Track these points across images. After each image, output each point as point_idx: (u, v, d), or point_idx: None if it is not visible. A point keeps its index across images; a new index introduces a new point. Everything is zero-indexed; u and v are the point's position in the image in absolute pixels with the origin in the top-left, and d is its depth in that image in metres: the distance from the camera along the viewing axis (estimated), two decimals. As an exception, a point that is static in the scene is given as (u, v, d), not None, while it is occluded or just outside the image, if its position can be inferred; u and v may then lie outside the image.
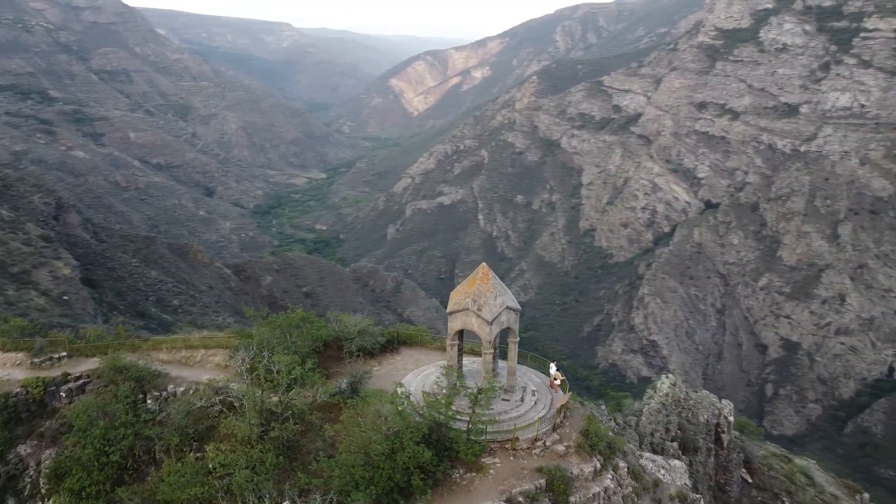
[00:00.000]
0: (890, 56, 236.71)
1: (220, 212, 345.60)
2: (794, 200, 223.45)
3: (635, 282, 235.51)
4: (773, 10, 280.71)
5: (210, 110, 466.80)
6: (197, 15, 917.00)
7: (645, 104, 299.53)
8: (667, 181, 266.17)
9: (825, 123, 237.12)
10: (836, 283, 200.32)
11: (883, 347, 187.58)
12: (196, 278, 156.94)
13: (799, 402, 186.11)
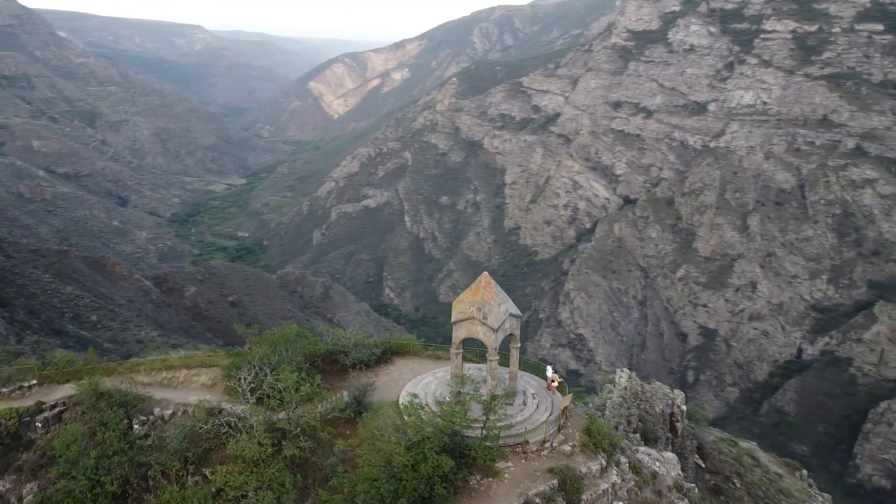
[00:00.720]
0: (788, 56, 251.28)
1: (136, 221, 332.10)
2: (707, 194, 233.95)
3: (560, 278, 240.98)
4: (680, 12, 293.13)
5: (120, 116, 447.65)
6: (102, 17, 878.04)
7: (563, 104, 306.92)
8: (587, 179, 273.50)
9: (732, 120, 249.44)
10: (748, 272, 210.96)
11: (792, 331, 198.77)
12: (114, 292, 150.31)
13: (718, 387, 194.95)
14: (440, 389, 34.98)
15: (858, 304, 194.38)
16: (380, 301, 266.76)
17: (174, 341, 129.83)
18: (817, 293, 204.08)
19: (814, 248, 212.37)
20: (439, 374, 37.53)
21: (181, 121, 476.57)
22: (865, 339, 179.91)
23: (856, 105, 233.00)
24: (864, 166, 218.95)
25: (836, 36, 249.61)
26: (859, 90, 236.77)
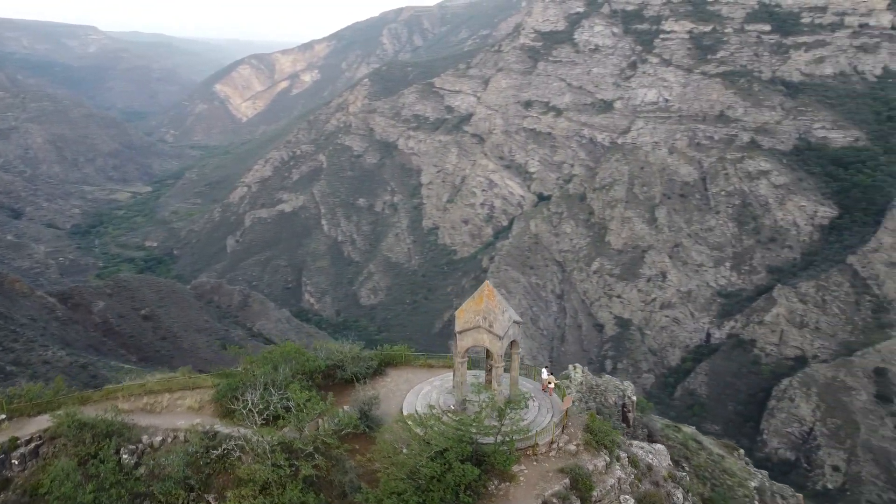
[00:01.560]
0: (686, 55, 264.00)
1: (32, 235, 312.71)
2: (616, 189, 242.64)
3: (480, 275, 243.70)
4: (585, 13, 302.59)
5: (9, 123, 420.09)
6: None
7: (475, 104, 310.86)
8: (501, 177, 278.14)
9: (637, 117, 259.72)
10: (658, 262, 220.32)
11: (700, 316, 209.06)
12: (14, 311, 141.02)
13: (635, 374, 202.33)
14: (442, 398, 35.15)
15: (759, 288, 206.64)
16: (300, 307, 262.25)
17: (84, 360, 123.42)
18: (722, 280, 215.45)
19: (717, 237, 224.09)
20: (436, 383, 37.69)
21: (78, 127, 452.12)
22: (767, 322, 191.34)
23: (749, 101, 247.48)
24: (759, 158, 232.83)
25: (728, 36, 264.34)
26: (751, 87, 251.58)
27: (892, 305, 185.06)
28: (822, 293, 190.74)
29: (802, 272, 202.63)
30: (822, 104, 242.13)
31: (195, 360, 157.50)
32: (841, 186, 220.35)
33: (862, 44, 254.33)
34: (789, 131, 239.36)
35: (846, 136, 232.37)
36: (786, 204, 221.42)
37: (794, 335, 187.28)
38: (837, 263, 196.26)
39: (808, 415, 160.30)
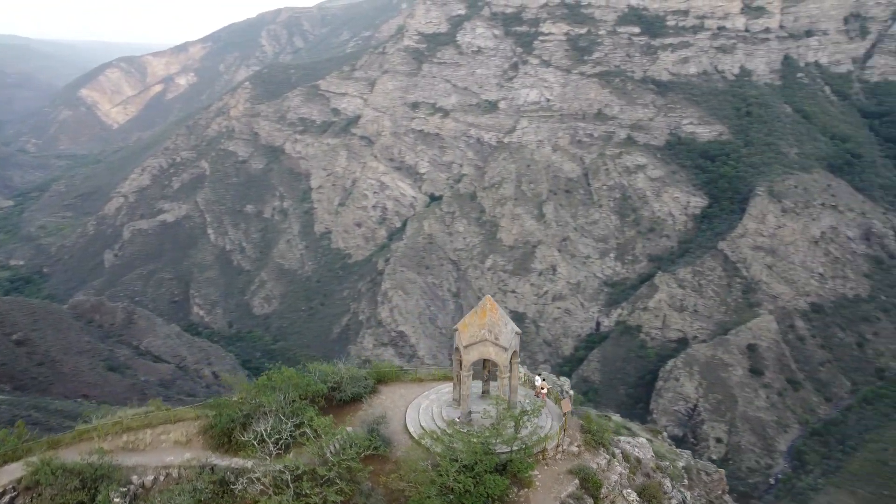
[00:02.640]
0: (564, 56, 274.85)
1: None
2: (505, 187, 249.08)
3: (376, 278, 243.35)
4: (466, 15, 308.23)
5: None
6: None
7: (362, 106, 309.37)
8: (392, 179, 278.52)
9: (521, 117, 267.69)
10: (548, 257, 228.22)
11: (590, 306, 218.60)
12: None
13: (532, 366, 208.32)
14: (444, 411, 35.41)
15: (642, 276, 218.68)
16: (189, 321, 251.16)
17: None
18: (607, 270, 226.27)
19: (601, 229, 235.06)
20: (433, 397, 37.89)
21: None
22: (650, 307, 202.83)
23: (624, 99, 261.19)
24: (636, 154, 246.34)
25: (602, 38, 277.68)
26: (625, 86, 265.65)
27: (759, 286, 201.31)
28: (698, 278, 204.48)
29: (680, 259, 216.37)
30: (689, 101, 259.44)
31: (78, 385, 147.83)
32: (709, 178, 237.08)
33: (721, 45, 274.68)
34: (661, 127, 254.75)
35: (711, 130, 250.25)
36: (662, 196, 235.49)
37: (676, 319, 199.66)
38: (710, 250, 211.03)
39: (692, 392, 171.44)
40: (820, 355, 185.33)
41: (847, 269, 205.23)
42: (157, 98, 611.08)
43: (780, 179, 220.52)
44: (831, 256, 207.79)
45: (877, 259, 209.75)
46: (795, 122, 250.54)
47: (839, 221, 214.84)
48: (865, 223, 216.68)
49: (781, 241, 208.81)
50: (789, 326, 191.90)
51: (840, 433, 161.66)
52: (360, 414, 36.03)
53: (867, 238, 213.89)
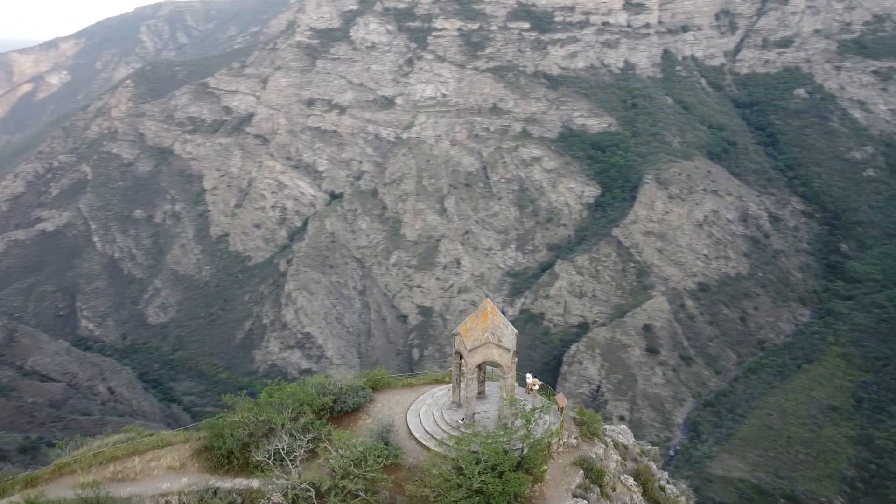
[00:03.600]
0: (458, 52, 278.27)
1: None
2: (406, 182, 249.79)
3: (279, 280, 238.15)
4: (358, 11, 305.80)
5: None
6: None
7: (255, 104, 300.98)
8: (291, 178, 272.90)
9: (419, 112, 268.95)
10: (451, 250, 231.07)
11: (494, 296, 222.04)
12: None
13: (441, 359, 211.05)
14: (446, 414, 35.77)
15: (542, 265, 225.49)
16: (77, 335, 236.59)
17: None
18: (509, 261, 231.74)
19: (501, 221, 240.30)
20: (429, 401, 38.05)
21: None
22: (552, 295, 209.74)
23: (518, 94, 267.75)
24: (531, 146, 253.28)
25: (494, 33, 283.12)
26: (518, 80, 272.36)
27: (651, 269, 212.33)
28: (594, 264, 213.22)
29: (577, 247, 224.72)
30: (579, 95, 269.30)
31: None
32: (601, 168, 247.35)
33: (606, 40, 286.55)
34: (554, 120, 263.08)
35: (601, 122, 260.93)
36: (557, 186, 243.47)
37: (576, 304, 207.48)
38: (604, 237, 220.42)
39: (595, 374, 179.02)
40: (708, 331, 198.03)
41: (728, 250, 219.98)
42: (27, 98, 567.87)
43: (666, 167, 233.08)
44: (714, 238, 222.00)
45: (754, 239, 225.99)
46: (677, 112, 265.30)
47: (720, 205, 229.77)
48: (742, 206, 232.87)
49: (669, 226, 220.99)
50: (680, 306, 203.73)
51: (729, 403, 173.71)
52: (360, 424, 35.70)
53: (744, 220, 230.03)
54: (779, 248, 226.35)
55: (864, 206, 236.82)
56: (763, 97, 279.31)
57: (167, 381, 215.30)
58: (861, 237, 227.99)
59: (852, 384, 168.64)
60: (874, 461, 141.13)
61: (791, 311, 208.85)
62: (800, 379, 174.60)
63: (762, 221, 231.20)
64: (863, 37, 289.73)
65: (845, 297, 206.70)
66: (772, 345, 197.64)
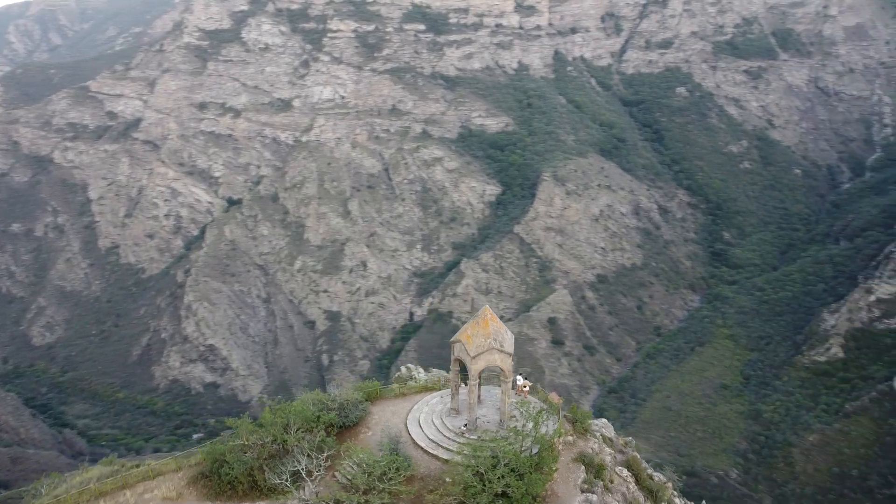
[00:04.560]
0: (355, 53, 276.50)
1: None
2: (308, 186, 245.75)
3: (177, 291, 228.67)
4: (249, 11, 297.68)
5: None
6: None
7: (143, 108, 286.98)
8: (185, 185, 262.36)
9: (317, 115, 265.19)
10: (357, 253, 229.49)
11: (402, 298, 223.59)
12: None
13: (351, 363, 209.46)
14: (448, 421, 36.21)
15: (448, 264, 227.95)
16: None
17: None
18: (416, 261, 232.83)
19: (406, 222, 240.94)
20: (425, 409, 38.07)
21: None
22: (459, 293, 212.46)
23: (416, 95, 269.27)
24: (432, 147, 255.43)
25: (390, 35, 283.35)
26: (416, 82, 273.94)
27: (553, 264, 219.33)
28: (499, 261, 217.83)
29: (481, 245, 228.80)
30: (476, 95, 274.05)
31: None
32: (500, 166, 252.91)
33: (500, 41, 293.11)
34: (453, 121, 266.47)
35: (498, 122, 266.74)
36: (459, 186, 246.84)
37: (483, 301, 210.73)
38: (507, 234, 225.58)
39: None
40: (609, 321, 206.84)
41: (623, 242, 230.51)
42: None
43: (563, 165, 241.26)
44: (610, 231, 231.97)
45: (646, 231, 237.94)
46: (569, 111, 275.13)
47: (613, 200, 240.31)
48: (634, 200, 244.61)
49: (568, 221, 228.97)
50: (581, 298, 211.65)
51: (631, 388, 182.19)
52: (363, 437, 35.33)
53: (637, 213, 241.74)
54: (669, 238, 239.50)
55: (742, 196, 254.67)
56: (648, 96, 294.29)
57: (58, 406, 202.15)
58: (741, 225, 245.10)
59: (740, 363, 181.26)
60: (763, 433, 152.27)
61: (682, 297, 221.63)
62: (694, 361, 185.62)
63: (653, 214, 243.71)
64: (734, 38, 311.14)
65: (730, 282, 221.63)
66: (667, 330, 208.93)
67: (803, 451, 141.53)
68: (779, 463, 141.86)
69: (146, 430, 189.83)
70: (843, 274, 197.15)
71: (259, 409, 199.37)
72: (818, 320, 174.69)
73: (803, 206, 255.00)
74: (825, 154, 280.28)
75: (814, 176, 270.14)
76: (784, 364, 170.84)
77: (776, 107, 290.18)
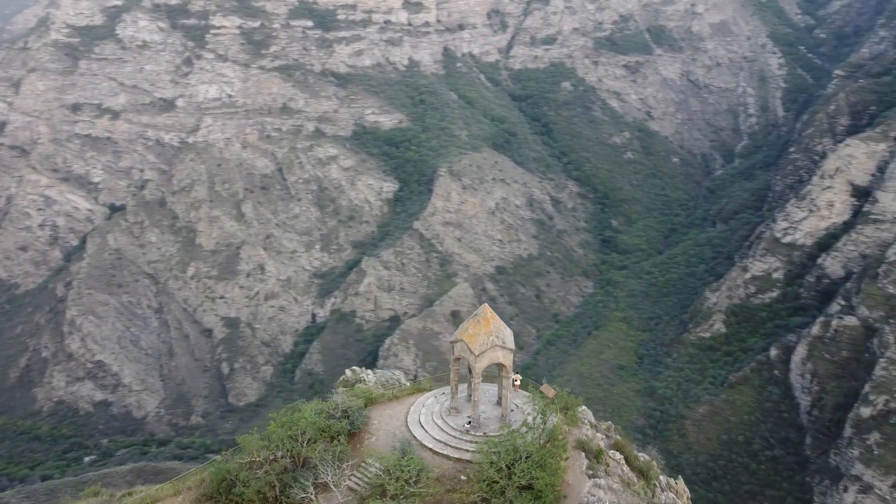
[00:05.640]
0: (241, 50, 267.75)
1: None
2: (197, 189, 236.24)
3: (57, 306, 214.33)
4: (124, 7, 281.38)
5: None
6: None
7: (8, 111, 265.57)
8: (60, 192, 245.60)
9: (203, 114, 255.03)
10: (254, 256, 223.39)
11: (303, 300, 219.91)
12: None
13: (253, 370, 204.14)
14: (451, 421, 36.67)
15: (349, 263, 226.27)
16: None
17: None
18: (315, 262, 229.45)
19: (303, 223, 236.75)
20: (423, 411, 38.33)
21: None
22: (361, 292, 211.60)
23: (307, 93, 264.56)
24: (326, 145, 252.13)
25: (277, 31, 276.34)
26: (307, 79, 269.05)
27: (453, 258, 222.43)
28: (400, 258, 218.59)
29: (381, 243, 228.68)
30: (369, 92, 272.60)
31: None
32: (397, 163, 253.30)
33: (389, 38, 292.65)
34: (346, 118, 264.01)
35: (392, 119, 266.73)
36: (356, 184, 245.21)
37: (386, 299, 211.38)
38: (407, 230, 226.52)
39: (411, 364, 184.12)
40: (509, 311, 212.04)
41: (519, 233, 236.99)
42: None
43: (458, 160, 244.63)
44: (506, 224, 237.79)
45: (540, 222, 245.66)
46: (461, 107, 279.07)
47: (508, 193, 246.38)
48: (528, 192, 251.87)
49: (465, 215, 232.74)
50: (482, 290, 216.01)
51: (534, 375, 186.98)
52: (367, 443, 34.98)
53: (531, 205, 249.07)
54: (561, 228, 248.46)
55: (627, 185, 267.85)
56: (535, 90, 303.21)
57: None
58: (627, 213, 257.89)
59: (634, 343, 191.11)
60: (658, 409, 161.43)
61: (577, 284, 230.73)
62: (591, 345, 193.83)
63: (545, 205, 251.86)
64: (612, 34, 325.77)
65: (620, 268, 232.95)
66: (564, 317, 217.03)
67: (694, 422, 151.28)
68: (673, 435, 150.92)
69: (30, 457, 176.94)
70: (721, 255, 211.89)
71: (157, 424, 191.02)
72: (701, 299, 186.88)
73: (682, 192, 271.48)
74: (699, 143, 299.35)
75: (690, 164, 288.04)
76: (673, 342, 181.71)
77: (654, 99, 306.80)
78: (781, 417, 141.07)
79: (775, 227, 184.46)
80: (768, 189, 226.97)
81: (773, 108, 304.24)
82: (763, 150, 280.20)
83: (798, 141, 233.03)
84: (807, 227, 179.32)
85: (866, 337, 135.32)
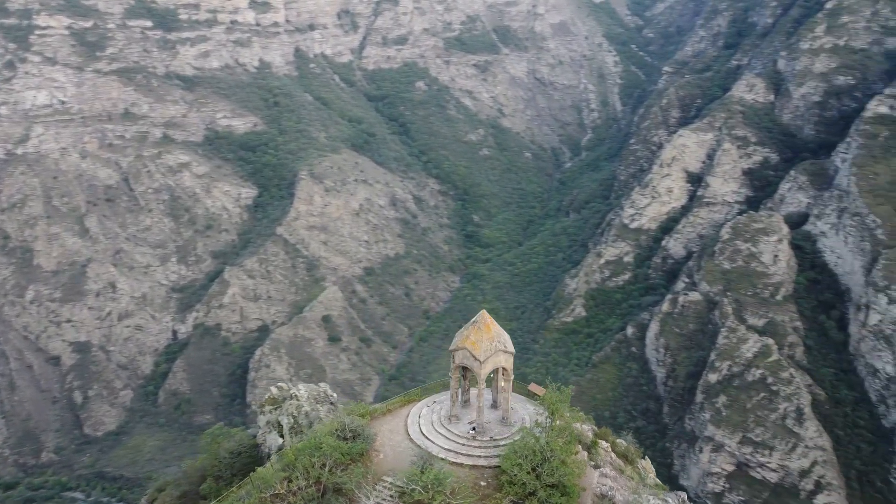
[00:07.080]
0: (72, 52, 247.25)
1: None
2: (31, 205, 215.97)
3: None
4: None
5: None
6: None
7: None
8: None
9: (33, 123, 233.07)
10: (103, 274, 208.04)
11: (162, 317, 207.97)
12: None
13: (111, 396, 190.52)
14: (454, 428, 36.76)
15: (210, 275, 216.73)
16: None
17: None
18: (172, 275, 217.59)
19: (156, 235, 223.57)
20: (421, 422, 38.14)
21: None
22: (225, 304, 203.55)
23: (151, 97, 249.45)
24: (177, 152, 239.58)
25: (113, 32, 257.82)
26: (150, 83, 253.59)
27: (320, 262, 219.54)
28: (265, 266, 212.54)
29: (243, 251, 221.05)
30: (219, 95, 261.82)
31: None
32: (254, 168, 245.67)
33: (237, 38, 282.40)
34: (196, 123, 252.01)
35: (246, 122, 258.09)
36: (212, 191, 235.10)
37: (252, 309, 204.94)
38: (270, 237, 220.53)
39: (284, 373, 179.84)
40: (380, 311, 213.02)
41: (385, 233, 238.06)
42: None
43: (318, 162, 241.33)
44: (371, 224, 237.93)
45: (404, 220, 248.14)
46: (317, 108, 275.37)
47: (371, 193, 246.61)
48: (390, 192, 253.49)
49: (330, 218, 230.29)
50: (352, 292, 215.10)
51: (410, 372, 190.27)
52: (377, 461, 34.30)
53: (394, 204, 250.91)
54: (426, 226, 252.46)
55: (484, 181, 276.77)
56: (390, 90, 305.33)
57: None
58: (487, 207, 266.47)
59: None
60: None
61: (444, 279, 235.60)
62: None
63: (409, 204, 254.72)
64: (461, 35, 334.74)
65: (484, 261, 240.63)
66: (434, 313, 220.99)
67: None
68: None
69: None
70: (576, 242, 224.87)
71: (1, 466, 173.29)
72: (562, 286, 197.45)
73: (536, 185, 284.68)
74: (548, 138, 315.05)
75: (542, 158, 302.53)
76: (539, 328, 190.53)
77: (504, 97, 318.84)
78: (641, 390, 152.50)
79: (623, 213, 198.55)
80: (614, 179, 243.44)
81: (612, 104, 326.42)
82: (606, 142, 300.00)
83: (637, 133, 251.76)
84: (651, 212, 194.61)
85: (709, 310, 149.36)
